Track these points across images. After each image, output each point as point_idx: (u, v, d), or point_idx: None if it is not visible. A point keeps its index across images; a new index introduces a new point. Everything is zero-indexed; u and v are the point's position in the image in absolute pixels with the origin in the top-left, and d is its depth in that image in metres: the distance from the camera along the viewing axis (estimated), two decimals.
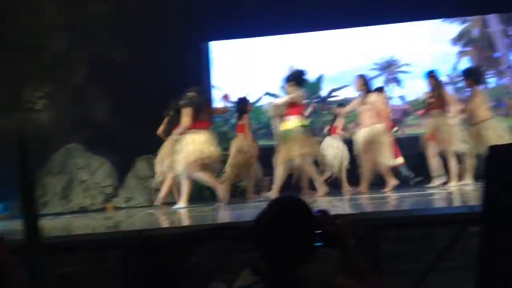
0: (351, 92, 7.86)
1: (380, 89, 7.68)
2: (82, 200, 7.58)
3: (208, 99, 6.53)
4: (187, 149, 5.83)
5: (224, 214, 5.08)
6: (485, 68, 9.75)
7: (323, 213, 1.54)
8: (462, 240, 2.92)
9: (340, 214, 1.50)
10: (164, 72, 8.11)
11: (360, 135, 6.40)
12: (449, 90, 8.20)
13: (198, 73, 9.16)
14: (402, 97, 9.62)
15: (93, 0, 7.94)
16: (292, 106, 6.26)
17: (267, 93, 9.64)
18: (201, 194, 7.20)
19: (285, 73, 6.46)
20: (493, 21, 9.70)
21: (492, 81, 9.88)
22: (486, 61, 9.82)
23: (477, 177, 6.36)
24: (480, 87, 6.68)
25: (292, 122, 6.20)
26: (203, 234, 2.96)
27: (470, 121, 6.49)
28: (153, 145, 7.65)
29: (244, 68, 9.22)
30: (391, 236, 3.27)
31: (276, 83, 9.34)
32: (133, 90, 8.03)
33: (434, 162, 6.40)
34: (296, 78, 6.33)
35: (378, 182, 6.63)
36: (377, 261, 2.80)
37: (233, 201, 6.33)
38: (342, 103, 8.35)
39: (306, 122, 6.34)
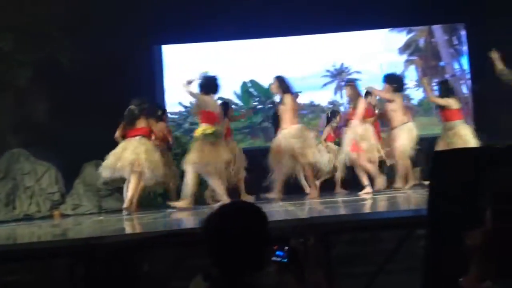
0: (303, 98, 7.96)
1: (368, 93, 7.77)
2: (28, 207, 7.28)
3: (147, 107, 6.57)
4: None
5: (175, 221, 5.02)
6: (430, 76, 10.16)
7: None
8: (409, 243, 3.01)
9: (310, 235, 1.49)
10: (116, 75, 7.95)
11: (280, 137, 6.26)
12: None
13: (151, 76, 9.04)
14: None
15: (42, 1, 7.68)
16: (201, 114, 6.20)
17: (220, 98, 9.61)
18: (153, 201, 7.08)
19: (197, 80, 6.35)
20: (438, 32, 10.12)
21: (437, 89, 10.28)
22: (431, 69, 10.20)
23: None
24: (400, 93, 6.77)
25: (199, 130, 6.13)
26: (154, 241, 2.90)
27: (389, 125, 6.66)
28: (102, 150, 7.46)
29: (197, 72, 9.16)
30: (342, 240, 3.33)
31: (229, 88, 9.34)
32: (83, 94, 7.83)
33: (359, 172, 6.38)
34: (205, 85, 6.25)
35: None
36: (329, 265, 2.84)
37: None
38: (336, 110, 8.51)
39: (210, 130, 6.07)
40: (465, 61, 9.83)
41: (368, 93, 7.64)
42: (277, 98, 10.33)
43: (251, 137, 9.68)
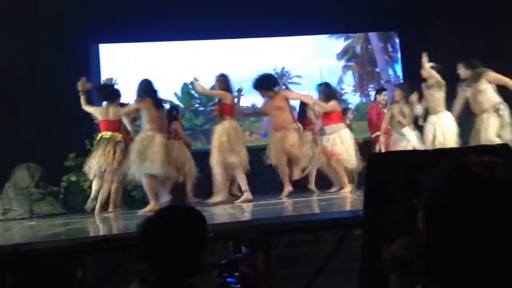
0: (245, 100, 8.00)
1: (382, 90, 7.72)
2: None
3: None
4: None
5: (113, 225, 4.88)
6: (366, 82, 10.51)
7: (246, 254, 1.50)
8: (349, 243, 3.08)
9: (259, 255, 1.47)
10: (51, 74, 7.64)
11: (135, 144, 5.94)
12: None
13: (87, 76, 8.75)
14: (293, 107, 9.98)
15: None
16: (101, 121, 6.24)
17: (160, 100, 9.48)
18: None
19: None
20: (374, 39, 10.50)
21: (373, 94, 10.66)
22: (368, 75, 10.57)
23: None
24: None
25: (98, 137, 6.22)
26: (89, 247, 2.80)
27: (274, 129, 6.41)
28: (34, 153, 7.15)
29: (136, 73, 8.96)
30: (283, 242, 3.36)
31: (170, 89, 9.22)
32: (16, 93, 7.47)
33: (216, 175, 5.98)
34: (100, 92, 6.24)
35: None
36: (269, 267, 2.85)
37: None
38: (346, 107, 8.41)
39: (98, 137, 6.20)
40: (399, 68, 10.25)
41: (381, 90, 7.66)
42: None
43: (192, 139, 9.59)
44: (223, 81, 6.34)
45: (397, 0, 8.66)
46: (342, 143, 6.40)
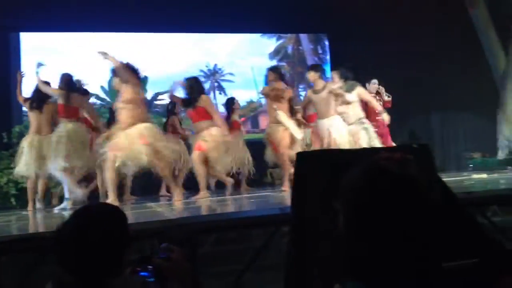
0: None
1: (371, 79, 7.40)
2: None
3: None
4: None
5: (32, 223, 4.64)
6: (297, 82, 10.71)
7: (161, 248, 1.44)
8: (278, 240, 3.11)
9: (174, 247, 1.42)
10: None
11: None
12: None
13: (6, 64, 8.27)
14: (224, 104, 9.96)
15: None
16: None
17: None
18: (6, 202, 6.48)
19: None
20: (305, 40, 10.73)
21: (303, 94, 10.89)
22: (298, 76, 10.78)
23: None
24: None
25: None
26: (4, 247, 2.63)
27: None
28: None
29: (62, 64, 8.57)
30: (210, 240, 3.34)
31: (96, 83, 8.89)
32: None
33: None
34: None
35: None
36: (195, 266, 2.82)
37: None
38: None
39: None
40: (328, 69, 10.54)
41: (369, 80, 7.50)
42: (148, 96, 10.10)
43: None
44: (63, 80, 6.00)
45: (326, 3, 8.89)
46: (212, 141, 5.71)
